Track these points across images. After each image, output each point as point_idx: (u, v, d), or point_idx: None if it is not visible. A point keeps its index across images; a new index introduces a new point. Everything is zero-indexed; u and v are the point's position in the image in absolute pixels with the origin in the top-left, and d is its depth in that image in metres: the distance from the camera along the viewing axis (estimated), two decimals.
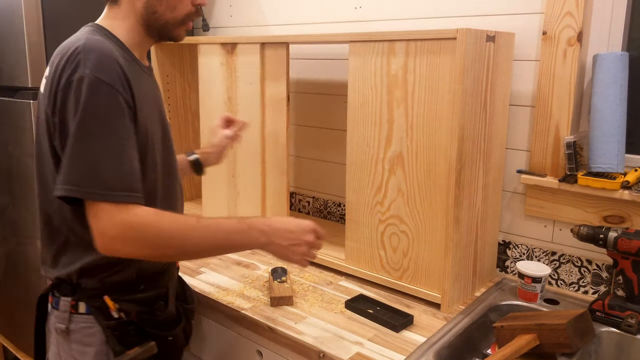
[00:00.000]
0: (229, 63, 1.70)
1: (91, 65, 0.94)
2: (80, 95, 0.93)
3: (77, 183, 0.92)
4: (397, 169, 1.35)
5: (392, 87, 1.32)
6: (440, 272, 1.32)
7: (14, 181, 1.91)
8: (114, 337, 1.07)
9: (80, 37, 1.00)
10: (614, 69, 1.29)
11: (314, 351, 1.16)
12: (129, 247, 0.94)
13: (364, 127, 1.40)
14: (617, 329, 1.23)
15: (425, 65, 1.26)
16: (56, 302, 1.10)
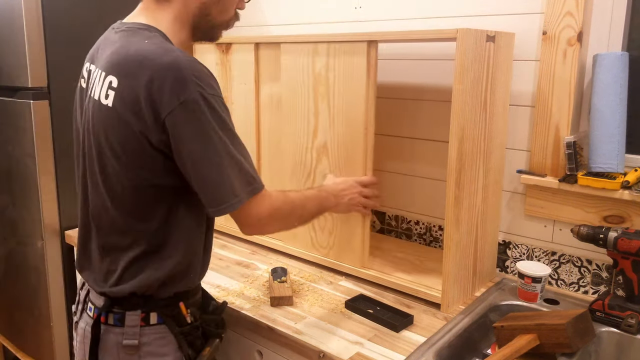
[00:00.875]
0: (224, 62, 1.71)
1: (199, 82, 0.94)
2: (200, 115, 0.94)
3: (236, 193, 0.99)
4: (322, 157, 1.50)
5: (316, 84, 1.46)
6: (360, 248, 1.47)
7: (14, 181, 1.91)
8: (185, 342, 1.08)
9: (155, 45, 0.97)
10: (614, 69, 1.29)
11: (314, 351, 1.16)
12: (275, 224, 1.10)
13: (296, 120, 1.54)
14: (617, 329, 1.23)
15: (342, 65, 1.40)
16: (118, 319, 1.06)
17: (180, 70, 0.93)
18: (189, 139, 0.95)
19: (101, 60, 1.04)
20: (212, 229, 1.16)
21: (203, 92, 0.94)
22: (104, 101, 0.99)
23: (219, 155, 0.96)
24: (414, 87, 1.66)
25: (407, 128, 1.69)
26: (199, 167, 0.96)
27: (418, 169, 1.69)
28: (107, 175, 1.02)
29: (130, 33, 1.02)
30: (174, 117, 0.93)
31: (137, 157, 0.98)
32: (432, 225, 1.69)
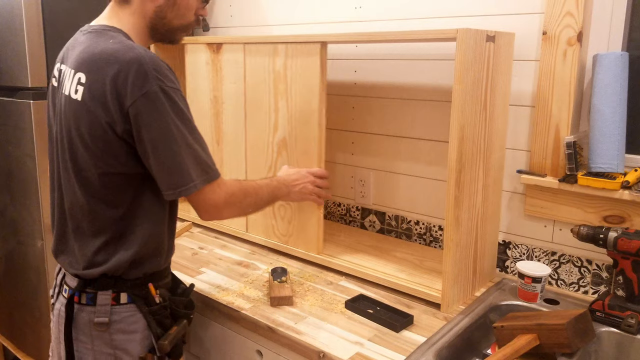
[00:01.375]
0: (215, 62, 1.75)
1: (159, 75, 1.03)
2: (159, 106, 1.03)
3: (191, 179, 1.07)
4: (282, 151, 1.58)
5: (277, 82, 1.54)
6: (315, 236, 1.56)
7: (14, 181, 1.91)
8: (154, 321, 1.16)
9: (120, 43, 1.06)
10: (614, 69, 1.29)
11: (314, 351, 1.16)
12: (230, 210, 1.18)
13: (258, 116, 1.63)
14: (617, 329, 1.23)
15: (299, 65, 1.47)
16: (90, 298, 1.14)
17: (142, 64, 1.02)
18: (149, 128, 1.03)
19: (71, 60, 1.13)
20: (175, 214, 1.25)
21: (162, 85, 1.03)
22: (74, 96, 1.08)
23: (176, 144, 1.05)
24: (413, 87, 1.66)
25: (407, 128, 1.69)
26: (158, 154, 1.05)
27: (418, 169, 1.69)
28: (78, 164, 1.10)
29: (97, 34, 1.11)
30: (136, 108, 1.02)
31: (104, 147, 1.06)
32: (432, 225, 1.69)
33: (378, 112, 1.76)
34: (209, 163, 1.11)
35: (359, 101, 1.80)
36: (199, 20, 1.24)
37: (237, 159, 1.74)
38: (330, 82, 1.86)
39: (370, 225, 1.85)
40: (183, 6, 1.17)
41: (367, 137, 1.80)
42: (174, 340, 1.18)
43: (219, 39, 1.71)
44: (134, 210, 1.13)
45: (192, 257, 1.65)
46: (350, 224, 1.90)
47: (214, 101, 1.77)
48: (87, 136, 1.07)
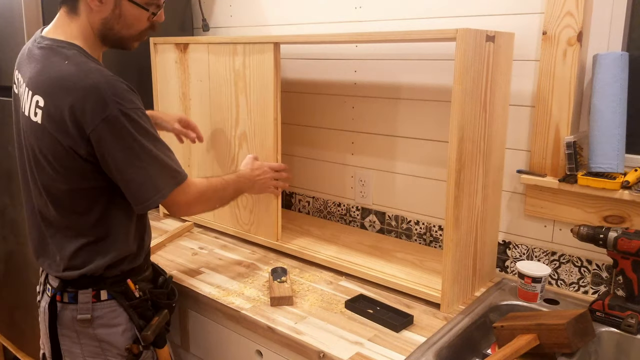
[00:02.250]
0: (182, 61, 1.83)
1: (117, 99, 1.06)
2: (122, 128, 1.06)
3: (160, 189, 1.14)
4: (243, 144, 1.68)
5: (237, 79, 1.64)
6: (274, 224, 1.66)
7: (14, 181, 1.91)
8: (135, 314, 1.23)
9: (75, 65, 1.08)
10: (614, 69, 1.29)
11: (314, 351, 1.16)
12: (200, 206, 1.29)
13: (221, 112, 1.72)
14: (617, 329, 1.23)
15: (256, 63, 1.58)
16: (72, 297, 1.19)
17: (99, 91, 1.05)
18: (113, 150, 1.08)
19: (26, 75, 1.14)
20: (145, 216, 1.30)
21: (122, 108, 1.06)
22: (34, 118, 1.11)
23: (140, 160, 1.10)
24: (413, 87, 1.66)
25: (407, 128, 1.69)
26: (123, 173, 1.10)
27: (418, 169, 1.69)
28: (45, 182, 1.15)
29: (51, 52, 1.12)
30: (98, 133, 1.06)
31: (69, 166, 1.10)
32: (432, 225, 1.69)
33: (378, 112, 1.76)
34: (175, 168, 1.17)
35: (359, 101, 1.80)
36: (155, 27, 1.23)
37: (204, 152, 1.83)
38: (330, 82, 1.86)
39: (370, 225, 1.85)
40: (130, 17, 1.17)
41: (367, 137, 1.80)
42: (156, 330, 1.24)
43: (185, 40, 1.81)
44: (104, 217, 1.17)
45: (192, 257, 1.65)
46: (350, 224, 1.90)
47: (183, 97, 1.86)
48: (51, 157, 1.11)
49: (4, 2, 1.75)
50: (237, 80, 1.65)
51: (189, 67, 1.81)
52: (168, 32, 2.06)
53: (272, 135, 1.60)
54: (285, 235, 1.73)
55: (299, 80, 1.95)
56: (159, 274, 1.37)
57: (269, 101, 1.58)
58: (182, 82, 1.85)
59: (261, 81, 1.58)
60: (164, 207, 1.21)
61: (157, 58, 1.91)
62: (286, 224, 1.85)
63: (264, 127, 1.61)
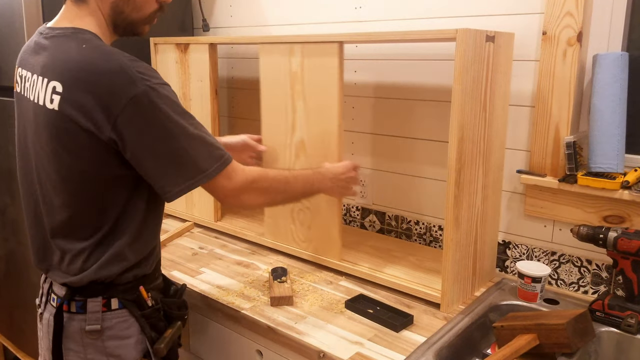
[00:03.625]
0: (183, 61, 1.82)
1: (144, 76, 1.00)
2: (155, 104, 0.99)
3: (204, 169, 1.05)
4: (300, 153, 1.54)
5: (293, 83, 1.51)
6: (336, 242, 1.52)
7: (14, 181, 1.91)
8: (148, 325, 1.14)
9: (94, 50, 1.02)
10: (614, 69, 1.29)
11: (314, 351, 1.16)
12: (253, 196, 1.15)
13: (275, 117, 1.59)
14: (617, 329, 1.23)
15: (316, 65, 1.45)
16: (80, 306, 1.11)
17: (125, 70, 0.99)
18: (145, 130, 1.00)
19: (37, 66, 1.08)
20: (160, 214, 1.21)
21: (149, 84, 0.99)
22: (50, 105, 1.03)
23: (176, 140, 1.02)
24: (413, 87, 1.66)
25: (407, 128, 1.69)
26: (157, 155, 1.02)
27: (418, 169, 1.69)
28: (61, 173, 1.07)
29: (64, 38, 1.06)
30: (127, 114, 0.98)
31: (89, 154, 1.03)
32: (432, 225, 1.69)
33: (378, 112, 1.76)
34: (219, 148, 1.08)
35: (359, 101, 1.80)
36: (164, 8, 1.17)
37: None
38: None
39: (370, 225, 1.85)
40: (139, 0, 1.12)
41: (367, 137, 1.80)
42: (169, 343, 1.16)
43: (186, 40, 1.80)
44: (120, 215, 1.10)
45: (192, 257, 1.65)
46: (350, 224, 1.90)
47: (183, 98, 1.85)
48: (70, 144, 1.03)
49: (4, 2, 1.75)
50: (294, 84, 1.52)
51: (189, 67, 1.81)
52: (168, 32, 2.06)
53: (335, 144, 1.45)
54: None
55: None
56: (169, 283, 1.29)
57: (331, 107, 1.44)
58: (182, 83, 1.85)
59: (322, 84, 1.45)
60: (211, 193, 1.11)
61: (158, 58, 1.91)
62: None
63: (325, 135, 1.47)
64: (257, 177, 1.16)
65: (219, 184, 1.09)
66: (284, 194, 1.23)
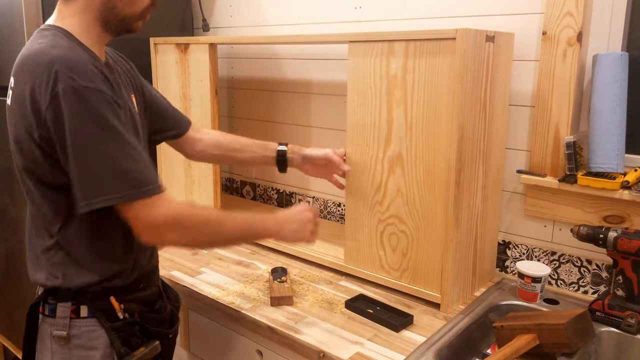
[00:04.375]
0: (183, 61, 1.81)
1: (71, 74, 0.93)
2: (72, 106, 0.92)
3: (107, 191, 0.94)
4: (396, 168, 1.35)
5: (391, 87, 1.32)
6: (439, 272, 1.32)
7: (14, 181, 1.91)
8: (118, 338, 1.07)
9: (45, 44, 0.98)
10: (614, 69, 1.29)
11: (314, 351, 1.16)
12: (174, 234, 1.01)
13: (363, 128, 1.40)
14: (617, 329, 1.23)
15: (424, 66, 1.26)
16: (51, 309, 1.06)
17: (53, 65, 0.93)
18: (64, 132, 0.94)
19: None
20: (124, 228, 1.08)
21: (74, 84, 0.93)
22: (8, 101, 1.03)
23: (88, 151, 0.94)
24: None
25: None
26: (71, 160, 0.95)
27: None
28: (20, 174, 1.05)
29: (34, 37, 1.03)
30: (50, 110, 0.93)
31: (29, 154, 0.99)
32: None
33: None
34: (136, 176, 0.96)
35: None
36: (156, 3, 1.12)
37: None
38: (330, 82, 1.86)
39: None
40: None
41: None
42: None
43: (185, 40, 1.79)
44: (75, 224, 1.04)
45: (192, 257, 1.65)
46: None
47: (183, 98, 1.85)
48: (17, 144, 1.00)
49: (4, 2, 1.75)
50: (392, 89, 1.33)
51: (189, 67, 1.81)
52: (168, 32, 2.06)
53: (442, 157, 1.26)
54: None
55: (298, 81, 1.95)
56: (159, 296, 1.20)
57: (442, 114, 1.24)
58: (182, 83, 1.85)
59: (431, 89, 1.25)
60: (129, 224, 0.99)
61: (157, 58, 1.91)
62: None
63: (431, 147, 1.27)
64: (184, 214, 1.02)
65: (133, 215, 0.97)
66: (214, 236, 1.09)
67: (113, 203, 0.95)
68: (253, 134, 1.64)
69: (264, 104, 2.07)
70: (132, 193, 0.95)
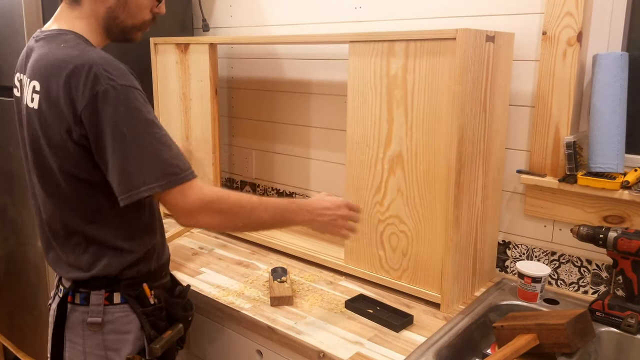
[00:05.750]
0: (183, 62, 1.82)
1: (110, 75, 1.00)
2: (112, 104, 0.99)
3: (148, 182, 1.01)
4: (396, 168, 1.35)
5: (391, 88, 1.32)
6: (439, 272, 1.32)
7: (14, 181, 1.91)
8: (148, 322, 1.15)
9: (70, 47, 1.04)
10: (614, 69, 1.29)
11: (314, 351, 1.16)
12: (210, 217, 1.07)
13: (364, 127, 1.40)
14: (617, 329, 1.23)
15: (425, 66, 1.26)
16: (83, 298, 1.13)
17: (91, 66, 1.00)
18: (102, 129, 1.00)
19: (27, 68, 1.12)
20: (157, 213, 1.22)
21: (113, 84, 1.00)
22: (30, 104, 1.07)
23: (127, 145, 1.00)
24: None
25: None
26: (110, 156, 1.01)
27: None
28: (46, 173, 1.09)
29: (49, 39, 1.09)
30: (88, 111, 1.00)
31: (64, 153, 1.05)
32: None
33: None
34: (173, 164, 1.03)
35: None
36: (156, 19, 1.21)
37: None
38: (330, 82, 1.86)
39: None
40: (135, 6, 1.15)
41: None
42: (166, 344, 1.16)
43: (185, 40, 1.79)
44: (107, 216, 1.10)
45: (192, 257, 1.65)
46: None
47: (183, 98, 1.86)
48: (48, 144, 1.06)
49: (4, 2, 1.75)
50: (393, 89, 1.33)
51: (189, 67, 1.81)
52: (168, 32, 2.06)
53: (442, 157, 1.26)
54: (284, 234, 1.73)
55: (298, 81, 1.95)
56: (176, 283, 1.29)
57: (442, 115, 1.24)
58: (182, 83, 1.85)
59: (432, 89, 1.25)
60: (167, 210, 1.07)
61: (158, 58, 1.91)
62: None
63: (431, 148, 1.27)
64: (216, 198, 1.08)
65: (172, 202, 1.04)
66: (246, 220, 1.13)
67: (152, 192, 1.01)
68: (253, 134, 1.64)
69: (264, 104, 2.07)
70: (170, 181, 1.02)
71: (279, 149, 2.05)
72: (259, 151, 2.13)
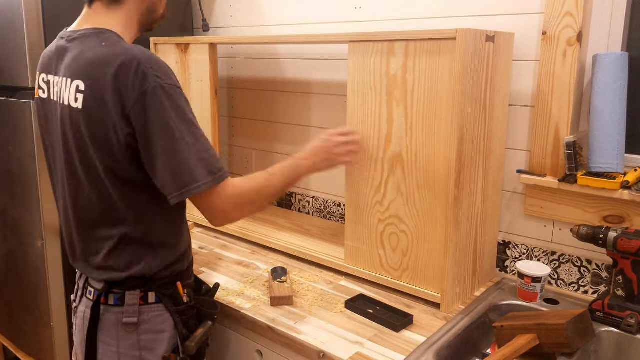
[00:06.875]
0: (183, 61, 1.81)
1: (157, 74, 1.01)
2: (160, 103, 1.00)
3: (196, 180, 1.02)
4: (396, 168, 1.35)
5: (391, 87, 1.32)
6: (439, 272, 1.32)
7: (14, 181, 1.91)
8: (180, 321, 1.16)
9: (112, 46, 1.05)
10: (614, 69, 1.29)
11: (314, 351, 1.16)
12: (242, 211, 1.11)
13: (363, 127, 1.40)
14: (617, 329, 1.23)
15: (424, 66, 1.26)
16: (118, 298, 1.13)
17: (139, 64, 1.00)
18: (150, 128, 1.01)
19: (62, 69, 1.11)
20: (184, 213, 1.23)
21: (161, 82, 1.01)
22: (74, 104, 1.06)
23: (176, 143, 1.02)
24: None
25: None
26: (159, 155, 1.02)
27: None
28: (90, 173, 1.09)
29: (84, 39, 1.09)
30: (137, 108, 1.00)
31: (109, 153, 1.05)
32: None
33: None
34: (214, 164, 1.05)
35: None
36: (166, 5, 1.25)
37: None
38: (330, 82, 1.86)
39: None
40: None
41: None
42: (199, 342, 1.17)
43: (185, 40, 1.79)
44: (150, 215, 1.11)
45: None
46: None
47: None
48: (94, 143, 1.05)
49: (4, 2, 1.75)
50: (392, 89, 1.33)
51: (189, 68, 1.81)
52: (168, 32, 2.06)
53: (442, 157, 1.25)
54: (284, 234, 1.73)
55: (298, 81, 1.95)
56: (200, 282, 1.31)
57: (442, 114, 1.24)
58: (182, 83, 1.84)
59: (432, 88, 1.25)
60: (200, 210, 1.09)
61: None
62: (285, 224, 1.86)
63: (431, 147, 1.27)
64: (245, 191, 1.11)
65: (210, 203, 1.07)
66: (268, 197, 1.17)
67: (201, 190, 1.03)
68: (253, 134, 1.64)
69: (264, 104, 2.07)
70: (214, 178, 1.04)
71: (279, 149, 2.05)
72: (259, 151, 2.13)
